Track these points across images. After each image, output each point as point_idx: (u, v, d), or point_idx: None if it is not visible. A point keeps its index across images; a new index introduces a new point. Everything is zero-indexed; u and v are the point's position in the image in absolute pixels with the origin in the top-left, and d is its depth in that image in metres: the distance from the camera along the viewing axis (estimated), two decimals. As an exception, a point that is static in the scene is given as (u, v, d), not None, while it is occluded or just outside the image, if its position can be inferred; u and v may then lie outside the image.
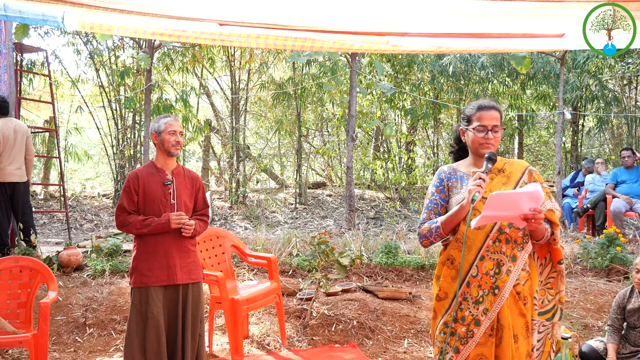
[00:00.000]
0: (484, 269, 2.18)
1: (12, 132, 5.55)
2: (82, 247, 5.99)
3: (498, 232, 2.18)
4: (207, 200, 3.38)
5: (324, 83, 9.83)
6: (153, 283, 3.01)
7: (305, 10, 3.84)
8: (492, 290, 2.18)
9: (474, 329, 2.19)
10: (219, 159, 13.33)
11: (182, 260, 3.09)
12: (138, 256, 3.07)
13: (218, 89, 12.98)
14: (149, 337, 2.97)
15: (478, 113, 2.25)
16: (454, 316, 2.21)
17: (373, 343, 4.20)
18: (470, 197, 2.08)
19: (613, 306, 3.51)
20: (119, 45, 10.00)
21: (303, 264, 5.57)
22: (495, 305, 2.18)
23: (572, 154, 11.58)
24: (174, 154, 3.13)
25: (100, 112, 11.15)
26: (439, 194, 2.31)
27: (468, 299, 2.21)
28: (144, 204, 3.07)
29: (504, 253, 2.18)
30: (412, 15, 3.85)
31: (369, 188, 12.56)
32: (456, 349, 2.22)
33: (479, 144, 2.24)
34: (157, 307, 2.99)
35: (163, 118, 3.14)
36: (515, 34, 4.14)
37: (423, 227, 2.28)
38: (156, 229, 3.01)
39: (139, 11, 3.75)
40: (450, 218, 2.20)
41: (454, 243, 2.25)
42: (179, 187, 3.14)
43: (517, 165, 2.32)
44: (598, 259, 5.56)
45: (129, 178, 3.09)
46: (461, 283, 2.20)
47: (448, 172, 2.34)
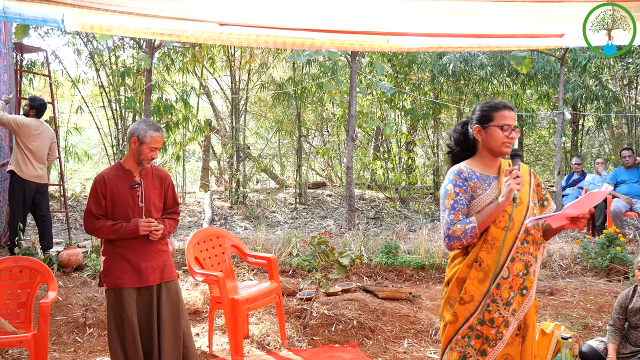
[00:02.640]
0: (515, 270, 2.19)
1: (39, 133, 5.75)
2: (82, 247, 5.99)
3: (525, 233, 2.21)
4: (177, 198, 3.36)
5: (324, 83, 9.83)
6: (126, 285, 3.00)
7: (305, 10, 3.84)
8: (520, 291, 2.21)
9: (503, 331, 2.20)
10: (219, 159, 13.33)
11: (154, 262, 3.07)
12: (109, 258, 3.05)
13: (218, 89, 12.99)
14: (127, 338, 2.98)
15: (502, 112, 2.25)
16: (481, 318, 2.20)
17: (373, 343, 4.20)
18: (512, 195, 2.09)
19: (615, 306, 3.51)
20: (119, 45, 10.00)
21: (303, 264, 5.57)
22: (523, 306, 2.21)
23: (572, 154, 11.58)
24: (145, 166, 3.09)
25: (100, 112, 11.15)
26: (463, 194, 2.25)
27: (498, 301, 2.20)
28: (112, 207, 3.03)
29: (531, 254, 2.22)
30: (412, 15, 3.85)
31: (369, 188, 12.56)
32: (483, 351, 2.20)
33: (501, 142, 2.23)
34: (131, 308, 2.99)
35: (151, 130, 3.04)
36: (515, 34, 4.15)
37: (455, 228, 2.20)
38: (125, 235, 2.98)
39: (139, 12, 3.76)
40: (487, 218, 2.17)
41: (482, 245, 2.21)
42: (147, 188, 3.11)
43: (523, 167, 2.35)
44: (598, 259, 5.56)
45: (95, 182, 3.03)
46: (490, 285, 2.19)
47: (467, 172, 2.28)
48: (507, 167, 2.27)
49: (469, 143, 2.37)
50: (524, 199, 2.25)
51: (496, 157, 2.29)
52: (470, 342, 2.21)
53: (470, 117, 2.37)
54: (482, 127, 2.28)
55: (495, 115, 2.25)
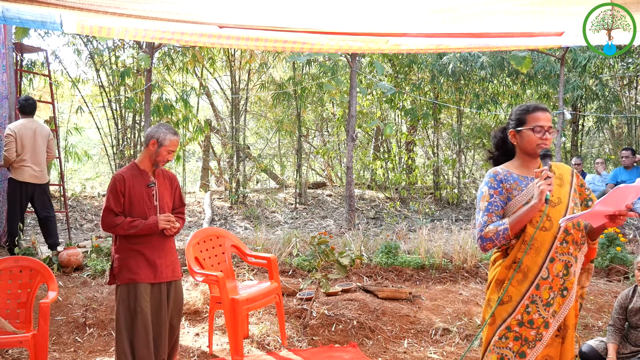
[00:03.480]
0: (555, 270, 2.18)
1: (32, 133, 5.58)
2: (82, 247, 5.99)
3: (565, 233, 2.20)
4: (184, 198, 3.57)
5: (324, 83, 9.83)
6: (142, 280, 3.13)
7: (305, 12, 3.84)
8: (560, 292, 2.20)
9: (543, 332, 2.19)
10: (219, 159, 13.33)
11: (167, 259, 3.24)
12: (124, 254, 3.17)
13: (218, 89, 12.99)
14: (138, 332, 3.09)
15: (534, 114, 2.27)
16: (519, 319, 2.20)
17: (373, 343, 4.20)
18: (544, 196, 2.08)
19: (615, 306, 3.51)
20: (119, 45, 10.00)
21: (303, 264, 5.57)
22: (564, 307, 2.20)
23: (572, 154, 11.58)
24: (160, 167, 3.30)
25: (100, 112, 11.15)
26: (498, 196, 2.26)
27: (537, 302, 2.19)
28: (129, 205, 3.17)
29: (571, 254, 2.21)
30: (411, 16, 3.85)
31: (369, 188, 12.56)
32: (522, 353, 2.20)
33: (536, 144, 2.24)
34: (145, 302, 3.11)
35: (170, 134, 3.22)
36: (515, 33, 4.14)
37: (487, 229, 2.21)
38: (144, 230, 3.13)
39: (139, 15, 3.75)
40: (520, 219, 2.17)
41: (520, 246, 2.21)
42: (161, 188, 3.29)
43: (563, 167, 2.35)
44: (598, 259, 5.56)
45: (114, 180, 3.16)
46: (529, 285, 2.19)
47: (504, 174, 2.30)
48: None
49: (507, 147, 2.41)
50: (563, 199, 2.24)
51: (533, 158, 2.31)
52: (509, 344, 2.21)
53: (507, 122, 2.42)
54: (516, 132, 2.31)
55: (527, 118, 2.28)
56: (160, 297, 3.20)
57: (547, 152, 2.22)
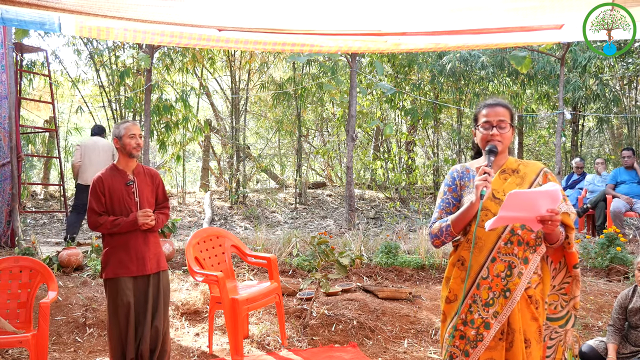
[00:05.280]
0: (495, 270, 2.13)
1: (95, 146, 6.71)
2: (85, 244, 6.00)
3: (510, 233, 2.14)
4: (167, 193, 3.67)
5: (324, 83, 9.84)
6: (124, 274, 3.28)
7: (303, 13, 3.84)
8: (503, 293, 2.13)
9: (484, 332, 2.14)
10: (219, 159, 13.34)
11: (149, 252, 3.37)
12: (109, 251, 3.33)
13: (218, 89, 12.99)
14: (121, 323, 3.27)
15: (482, 111, 2.26)
16: (463, 319, 2.17)
17: (373, 343, 4.20)
18: (479, 192, 2.04)
19: (615, 306, 3.51)
20: (119, 45, 10.00)
21: (303, 264, 5.57)
22: (506, 309, 2.12)
23: (572, 154, 11.58)
24: (135, 155, 3.38)
25: (101, 112, 11.16)
26: (450, 193, 2.28)
27: (477, 302, 2.16)
28: (111, 204, 3.32)
29: (516, 255, 2.13)
30: (410, 14, 3.85)
31: (369, 188, 12.57)
32: (466, 352, 2.17)
33: (485, 140, 2.23)
34: (127, 296, 3.27)
35: (123, 123, 3.39)
36: (514, 28, 4.13)
37: (434, 226, 2.23)
38: (126, 227, 3.28)
39: (138, 18, 3.76)
40: (461, 216, 2.15)
41: (464, 244, 2.20)
42: (141, 185, 3.41)
43: (532, 166, 2.27)
44: (598, 259, 5.56)
45: (94, 182, 3.33)
46: (471, 285, 2.16)
47: (461, 171, 2.31)
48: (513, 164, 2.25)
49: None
50: None
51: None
52: (455, 342, 2.19)
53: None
54: (474, 130, 2.33)
55: (478, 115, 2.29)
56: (146, 289, 3.33)
57: (492, 148, 2.17)
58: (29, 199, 10.26)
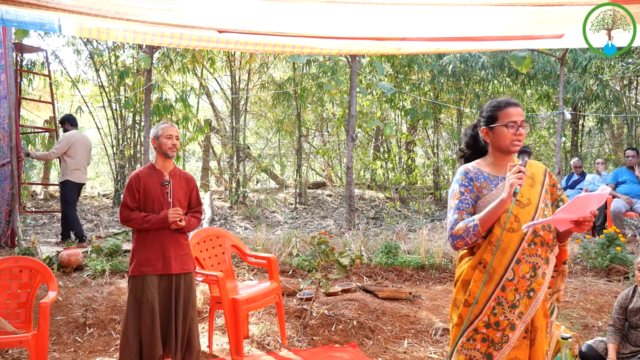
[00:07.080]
0: (521, 272, 2.13)
1: (86, 140, 6.56)
2: (82, 246, 5.99)
3: (533, 234, 2.14)
4: (201, 199, 3.70)
5: (324, 83, 9.84)
6: (150, 272, 3.31)
7: (304, 17, 3.84)
8: (527, 294, 2.14)
9: (509, 334, 2.14)
10: (219, 159, 13.34)
11: (176, 252, 3.40)
12: (137, 247, 3.38)
13: (218, 89, 12.99)
14: (144, 320, 3.27)
15: (506, 110, 2.20)
16: (486, 321, 2.16)
17: (373, 343, 4.20)
18: (513, 190, 2.02)
19: (615, 306, 3.51)
20: (119, 45, 10.00)
21: (303, 264, 5.57)
22: (530, 309, 2.15)
23: (572, 154, 11.58)
24: (171, 155, 3.44)
25: (100, 112, 11.15)
26: (469, 194, 2.22)
27: (503, 304, 2.15)
28: (144, 201, 3.38)
29: (539, 256, 2.15)
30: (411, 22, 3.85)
31: (369, 188, 12.57)
32: (489, 355, 2.16)
33: (510, 140, 2.18)
34: (152, 294, 3.29)
35: (161, 124, 3.47)
36: (515, 37, 4.14)
37: (457, 227, 2.16)
38: (156, 224, 3.33)
39: (138, 19, 3.76)
40: (490, 214, 2.11)
41: (487, 246, 2.16)
42: (175, 187, 3.47)
43: (537, 167, 2.28)
44: (598, 259, 5.56)
45: (131, 178, 3.41)
46: (494, 287, 2.14)
47: (474, 172, 2.25)
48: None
49: (479, 146, 2.35)
50: (532, 200, 2.18)
51: (507, 155, 2.25)
52: (476, 346, 2.17)
53: (478, 120, 2.34)
54: (488, 129, 2.25)
55: (499, 114, 2.21)
56: (169, 289, 3.35)
57: (525, 149, 2.17)
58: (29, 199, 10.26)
